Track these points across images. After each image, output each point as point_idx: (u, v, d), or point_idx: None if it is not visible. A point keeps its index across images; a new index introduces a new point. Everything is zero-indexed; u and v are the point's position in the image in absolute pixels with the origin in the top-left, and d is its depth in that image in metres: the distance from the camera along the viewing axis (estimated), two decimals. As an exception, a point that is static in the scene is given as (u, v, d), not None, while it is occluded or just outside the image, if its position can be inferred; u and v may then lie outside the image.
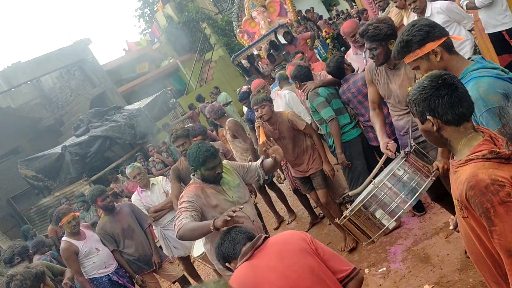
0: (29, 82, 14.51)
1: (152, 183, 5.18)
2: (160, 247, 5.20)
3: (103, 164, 11.21)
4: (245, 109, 7.70)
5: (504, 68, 1.95)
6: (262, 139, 3.88)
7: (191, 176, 3.13)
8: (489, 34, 4.59)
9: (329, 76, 4.42)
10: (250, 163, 3.40)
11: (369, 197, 2.50)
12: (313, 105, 4.20)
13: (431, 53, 2.02)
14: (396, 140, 3.33)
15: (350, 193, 3.55)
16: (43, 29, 73.72)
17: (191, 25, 19.08)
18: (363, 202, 2.51)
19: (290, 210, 5.82)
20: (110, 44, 70.44)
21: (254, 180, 3.32)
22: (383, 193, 2.49)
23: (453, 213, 2.09)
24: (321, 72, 5.00)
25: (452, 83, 1.61)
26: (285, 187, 6.19)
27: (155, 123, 11.37)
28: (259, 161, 3.36)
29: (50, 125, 14.62)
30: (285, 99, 5.18)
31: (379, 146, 4.06)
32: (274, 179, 5.58)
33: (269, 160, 3.31)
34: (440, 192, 3.11)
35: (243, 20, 13.57)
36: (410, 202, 2.43)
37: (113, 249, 4.59)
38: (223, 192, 3.01)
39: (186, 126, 5.34)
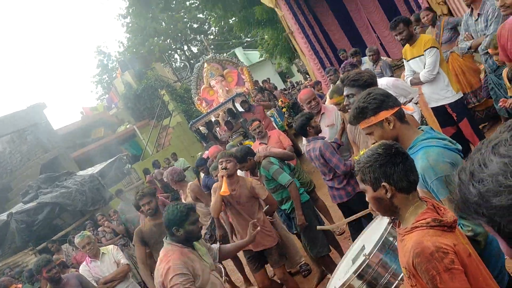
0: (-24, 146, 13.98)
1: (103, 252, 4.97)
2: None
3: (51, 233, 10.63)
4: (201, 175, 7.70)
5: (451, 139, 2.08)
6: (224, 189, 3.82)
7: (164, 240, 2.94)
8: (432, 108, 4.82)
9: (276, 149, 4.62)
10: (210, 244, 3.36)
11: (361, 269, 2.18)
12: (269, 174, 4.28)
13: (385, 121, 2.11)
14: None
15: (318, 227, 3.71)
16: (-4, 93, 72.18)
17: (149, 92, 19.30)
18: (356, 273, 2.20)
19: (246, 280, 5.66)
20: (65, 109, 69.55)
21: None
22: (373, 267, 2.18)
23: None
24: (258, 148, 5.10)
25: (403, 152, 1.70)
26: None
27: (108, 189, 11.06)
28: (217, 245, 3.32)
29: (-4, 191, 13.93)
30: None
31: (342, 203, 4.19)
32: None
33: (231, 246, 3.29)
34: None
35: (202, 88, 13.89)
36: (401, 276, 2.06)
37: None
38: (200, 258, 2.90)
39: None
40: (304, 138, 4.65)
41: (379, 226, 2.52)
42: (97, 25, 70.34)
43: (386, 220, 2.38)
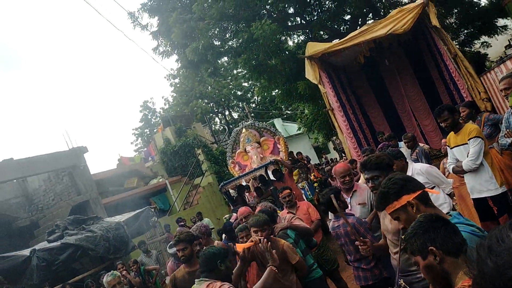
0: (14, 180, 14.45)
1: (127, 294, 4.95)
2: None
3: (68, 275, 10.61)
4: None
5: (480, 227, 2.06)
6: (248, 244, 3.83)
7: (197, 280, 3.18)
8: (473, 199, 4.73)
9: (299, 223, 4.58)
10: None
11: None
12: None
13: (408, 205, 2.15)
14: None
15: None
16: (43, 130, 75.51)
17: (186, 150, 19.77)
18: None
19: None
20: (102, 155, 71.60)
21: None
22: None
23: None
24: (286, 216, 5.08)
25: (444, 218, 1.75)
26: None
27: (132, 239, 11.08)
28: None
29: (24, 226, 14.18)
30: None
31: (367, 286, 4.05)
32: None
33: None
34: None
35: (237, 152, 14.14)
36: None
37: None
38: None
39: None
40: (331, 214, 4.61)
41: None
42: (146, 81, 73.96)
43: None
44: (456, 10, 14.85)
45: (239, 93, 37.91)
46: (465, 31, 15.47)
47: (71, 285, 9.25)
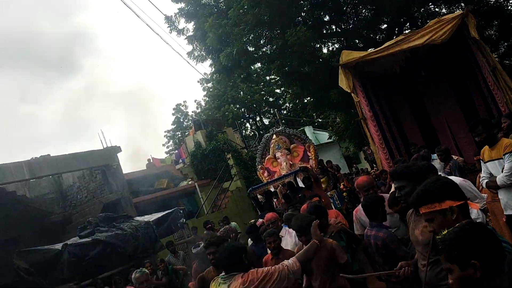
0: (50, 176, 14.91)
1: (155, 291, 5.05)
2: None
3: (97, 271, 10.83)
4: (249, 242, 7.67)
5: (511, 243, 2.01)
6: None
7: (221, 276, 3.27)
8: (507, 215, 4.62)
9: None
10: None
11: None
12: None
13: (448, 210, 2.09)
14: None
15: (341, 275, 3.57)
16: (79, 129, 77.61)
17: (216, 154, 19.95)
18: None
19: None
20: (135, 155, 72.92)
21: None
22: None
23: None
24: (331, 220, 5.08)
25: (491, 232, 1.65)
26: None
27: (160, 239, 11.24)
28: None
29: (58, 221, 14.61)
30: (295, 239, 5.20)
31: None
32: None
33: None
34: None
35: (267, 158, 14.17)
36: None
37: None
38: None
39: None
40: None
41: None
42: (181, 84, 75.10)
43: None
44: (496, 22, 14.49)
45: (271, 99, 38.00)
46: (505, 43, 15.07)
47: (101, 280, 9.44)
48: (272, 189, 12.00)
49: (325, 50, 18.47)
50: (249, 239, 7.29)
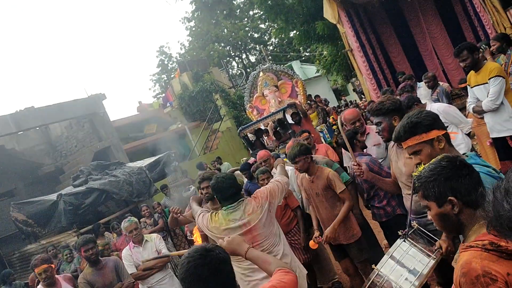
0: (37, 128, 14.74)
1: (146, 239, 5.13)
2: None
3: (95, 218, 11.04)
4: (244, 180, 7.76)
5: (495, 168, 2.02)
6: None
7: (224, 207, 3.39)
8: (493, 138, 4.69)
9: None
10: None
11: (369, 283, 2.51)
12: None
13: (435, 140, 2.10)
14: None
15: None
16: (61, 78, 76.10)
17: (204, 95, 19.74)
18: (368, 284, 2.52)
19: None
20: (121, 102, 72.24)
21: None
22: (382, 279, 2.48)
23: None
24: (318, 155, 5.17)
25: (469, 165, 1.63)
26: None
27: (154, 184, 11.36)
28: None
29: (50, 172, 14.63)
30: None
31: (381, 222, 4.12)
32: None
33: None
34: (449, 276, 3.04)
35: (255, 96, 14.05)
36: (412, 282, 2.38)
37: None
38: None
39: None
40: (347, 153, 4.65)
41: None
42: (162, 26, 72.88)
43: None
44: None
45: (255, 35, 37.13)
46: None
47: (100, 226, 9.62)
48: (262, 127, 12.02)
49: (308, -20, 17.79)
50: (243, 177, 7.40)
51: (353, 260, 4.32)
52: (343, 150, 5.03)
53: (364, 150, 4.36)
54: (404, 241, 2.53)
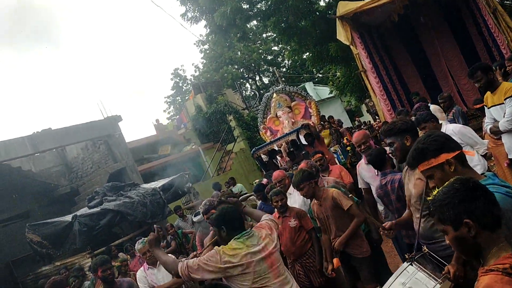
0: (54, 150, 14.94)
1: (160, 262, 5.09)
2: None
3: (109, 239, 11.06)
4: (257, 203, 7.74)
5: None
6: None
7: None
8: (510, 159, 4.63)
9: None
10: None
11: None
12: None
13: (445, 164, 2.09)
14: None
15: None
16: (77, 100, 77.42)
17: (217, 116, 19.88)
18: None
19: None
20: (136, 123, 73.03)
21: None
22: None
23: None
24: (329, 178, 5.16)
25: (483, 186, 1.61)
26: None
27: (168, 205, 11.38)
28: None
29: (65, 193, 14.76)
30: (303, 197, 5.21)
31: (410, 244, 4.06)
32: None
33: None
34: None
35: (268, 117, 14.08)
36: None
37: None
38: None
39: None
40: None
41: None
42: (177, 49, 74.03)
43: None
44: (497, -39, 13.97)
45: (269, 57, 37.47)
46: (506, -17, 14.61)
47: (114, 247, 9.62)
48: (276, 148, 12.00)
49: (321, 3, 18.00)
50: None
51: (363, 282, 4.26)
52: (357, 170, 4.99)
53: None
54: (411, 264, 2.50)
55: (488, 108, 4.57)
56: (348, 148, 11.93)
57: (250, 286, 2.99)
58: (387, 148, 4.53)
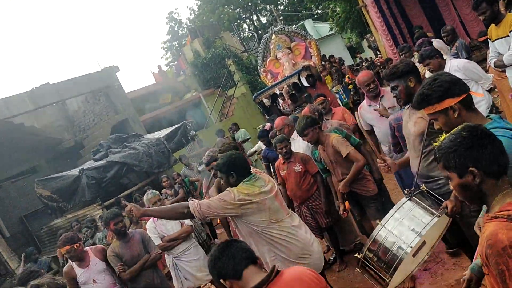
0: (54, 104, 14.87)
1: (169, 211, 5.18)
2: (170, 277, 5.20)
3: (117, 191, 11.26)
4: (262, 146, 7.78)
5: None
6: None
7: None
8: (515, 92, 4.57)
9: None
10: None
11: (372, 239, 2.61)
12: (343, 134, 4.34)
13: (450, 109, 2.08)
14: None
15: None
16: (73, 53, 76.17)
17: (216, 61, 19.54)
18: (372, 239, 2.61)
19: None
20: (135, 72, 72.21)
21: None
22: (386, 233, 2.56)
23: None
24: (332, 121, 5.15)
25: (490, 134, 1.60)
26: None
27: (173, 154, 11.46)
28: None
29: (70, 147, 14.86)
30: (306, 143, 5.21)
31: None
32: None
33: None
34: (460, 237, 3.06)
35: (268, 60, 13.83)
36: (413, 239, 2.46)
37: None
38: None
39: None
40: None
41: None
42: (170, -8, 71.61)
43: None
44: None
45: (266, -5, 36.26)
46: None
47: (123, 198, 9.79)
48: (278, 91, 11.89)
49: None
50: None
51: (370, 220, 4.36)
52: (358, 113, 4.93)
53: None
54: (409, 199, 2.58)
55: (493, 41, 4.44)
56: (350, 86, 11.80)
57: (269, 220, 3.15)
58: (387, 89, 4.48)
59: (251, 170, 3.33)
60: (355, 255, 2.68)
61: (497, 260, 1.41)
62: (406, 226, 2.50)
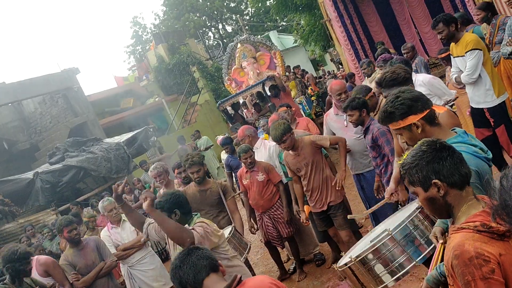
0: (10, 104, 14.32)
1: (123, 219, 5.02)
2: (125, 286, 5.06)
3: (73, 195, 10.91)
4: (224, 155, 7.77)
5: (482, 147, 2.01)
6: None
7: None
8: (472, 107, 4.74)
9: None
10: None
11: (372, 250, 2.47)
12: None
13: (413, 125, 2.13)
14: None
15: (349, 216, 3.80)
16: (32, 53, 73.70)
17: (180, 67, 19.37)
18: (373, 248, 2.47)
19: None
20: (96, 75, 70.61)
21: None
22: (389, 247, 2.44)
23: None
24: (298, 130, 5.17)
25: (449, 146, 1.65)
26: (257, 238, 6.10)
27: (133, 159, 11.24)
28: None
29: (25, 149, 14.31)
30: (269, 151, 5.24)
31: None
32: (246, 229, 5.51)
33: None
34: None
35: (233, 68, 13.85)
36: (414, 262, 2.39)
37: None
38: None
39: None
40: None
41: (404, 214, 2.60)
42: (135, -4, 70.68)
43: (414, 206, 2.47)
44: None
45: (232, 4, 36.36)
46: None
47: (77, 204, 9.49)
48: (241, 100, 11.91)
49: None
50: (223, 152, 7.42)
51: (337, 229, 4.39)
52: (324, 120, 5.00)
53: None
54: (420, 212, 2.53)
55: (454, 57, 4.61)
56: (313, 98, 12.00)
57: (232, 253, 3.14)
58: (341, 115, 4.57)
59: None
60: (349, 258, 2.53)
61: (463, 270, 1.43)
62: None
